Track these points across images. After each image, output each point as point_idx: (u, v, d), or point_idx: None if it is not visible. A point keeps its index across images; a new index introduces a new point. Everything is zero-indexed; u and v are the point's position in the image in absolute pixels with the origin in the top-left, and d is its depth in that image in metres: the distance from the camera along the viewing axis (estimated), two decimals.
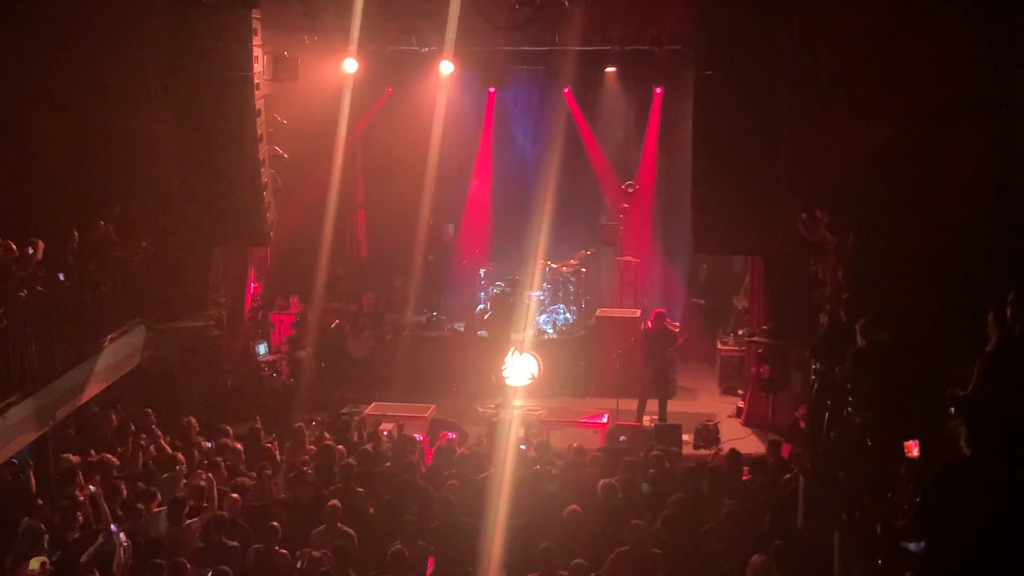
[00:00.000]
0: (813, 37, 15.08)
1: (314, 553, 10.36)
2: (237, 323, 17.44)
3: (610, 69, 18.27)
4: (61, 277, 13.82)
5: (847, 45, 15.11)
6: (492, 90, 20.12)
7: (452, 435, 14.22)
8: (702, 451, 15.14)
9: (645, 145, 19.70)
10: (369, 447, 13.48)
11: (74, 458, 12.72)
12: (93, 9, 16.03)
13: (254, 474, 12.46)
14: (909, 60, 14.69)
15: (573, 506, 10.79)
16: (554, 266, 19.23)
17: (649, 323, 17.25)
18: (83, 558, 10.09)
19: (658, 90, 18.93)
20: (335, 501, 10.99)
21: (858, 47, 15.07)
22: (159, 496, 11.73)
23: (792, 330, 15.52)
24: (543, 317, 18.81)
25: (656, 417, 16.45)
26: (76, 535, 10.79)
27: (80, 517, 11.00)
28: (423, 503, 11.30)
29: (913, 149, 14.81)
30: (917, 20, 14.56)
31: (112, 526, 10.39)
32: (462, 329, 18.83)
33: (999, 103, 13.93)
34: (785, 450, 13.37)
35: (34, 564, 9.82)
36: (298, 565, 10.23)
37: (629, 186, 19.64)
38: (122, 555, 9.96)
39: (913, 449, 7.47)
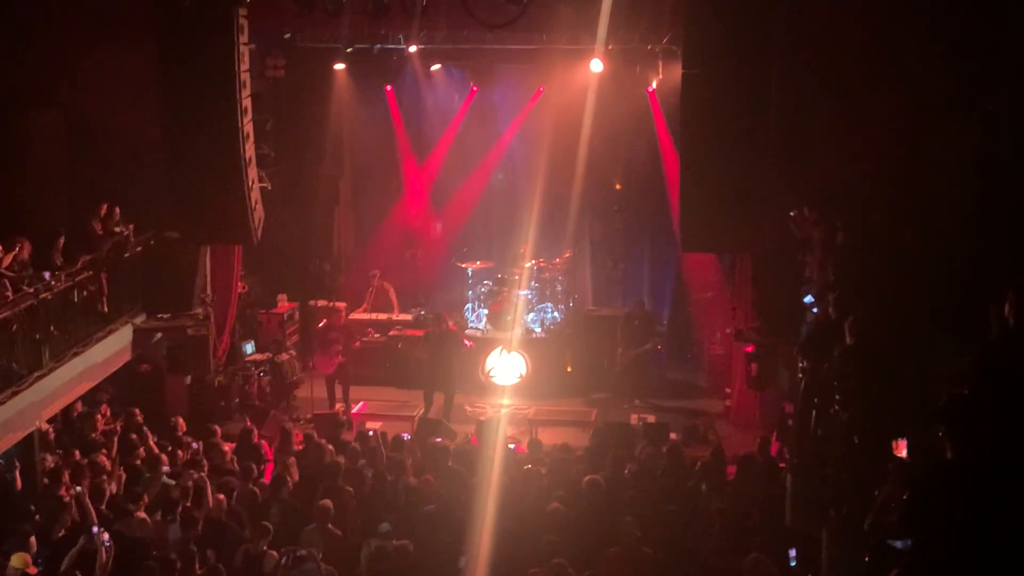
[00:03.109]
0: (801, 35, 15.09)
1: (300, 552, 10.33)
2: (224, 322, 17.38)
3: (596, 68, 18.22)
4: (47, 276, 13.76)
5: (834, 43, 15.12)
6: (475, 88, 20.07)
7: (438, 440, 14.20)
8: (691, 449, 15.12)
9: (630, 143, 19.69)
10: (357, 446, 13.47)
11: (56, 459, 12.68)
12: (79, 6, 15.96)
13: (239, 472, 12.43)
14: (896, 57, 14.71)
15: (555, 504, 10.80)
16: (543, 264, 19.20)
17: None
18: (66, 560, 10.03)
19: (651, 88, 18.91)
20: (327, 501, 10.96)
21: (845, 45, 15.08)
22: (146, 497, 11.70)
23: (779, 328, 15.53)
24: (531, 316, 18.79)
25: (645, 416, 16.46)
26: (61, 535, 10.74)
27: (65, 517, 10.95)
28: (410, 501, 11.29)
29: (901, 146, 14.84)
30: (904, 18, 14.58)
31: (94, 527, 10.33)
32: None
33: (986, 99, 13.96)
34: (773, 448, 13.38)
35: (15, 561, 9.76)
36: (283, 561, 10.19)
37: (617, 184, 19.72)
38: (104, 556, 9.91)
39: (901, 449, 7.49)
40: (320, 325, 18.40)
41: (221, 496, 11.52)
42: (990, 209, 13.57)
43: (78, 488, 11.42)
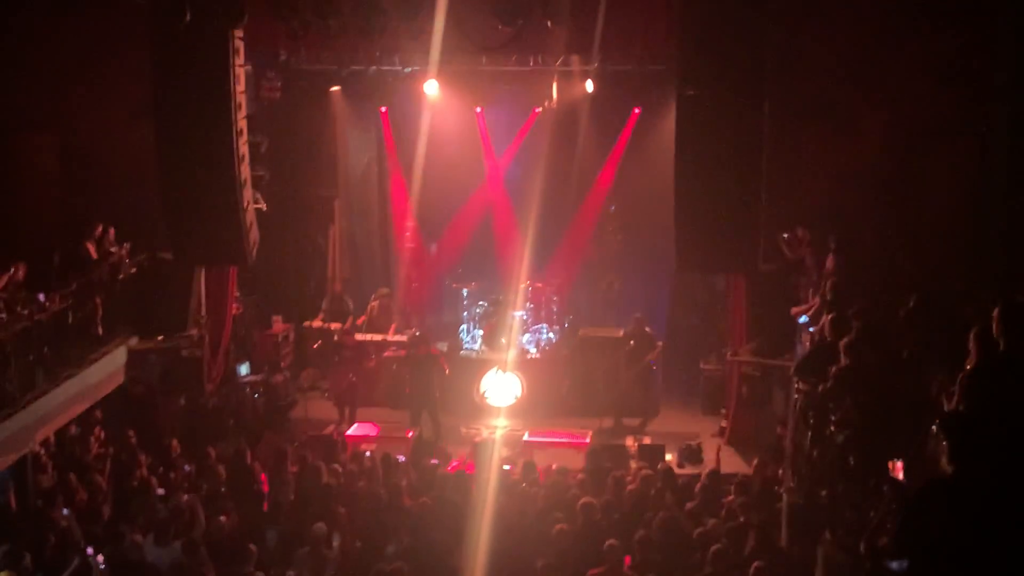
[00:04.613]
0: (793, 58, 15.19)
1: (289, 573, 10.31)
2: (219, 343, 17.36)
3: (589, 89, 18.32)
4: (41, 298, 13.76)
5: (827, 66, 15.22)
6: (479, 110, 20.11)
7: (434, 460, 14.19)
8: (686, 470, 15.11)
9: (623, 164, 19.75)
10: (352, 468, 13.45)
11: (49, 480, 12.64)
12: (74, 30, 16.01)
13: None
14: (887, 81, 14.82)
15: (561, 525, 10.79)
16: (538, 285, 19.20)
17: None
18: None
19: (636, 110, 19.04)
20: (321, 524, 10.94)
21: (837, 68, 15.19)
22: (141, 519, 11.67)
23: (774, 349, 15.56)
24: (526, 337, 18.78)
25: (640, 437, 16.45)
26: (53, 557, 10.70)
27: (58, 539, 10.91)
28: (405, 523, 11.26)
29: (893, 168, 14.93)
30: (895, 42, 14.69)
31: (88, 549, 10.31)
32: (445, 349, 18.77)
33: (976, 122, 14.05)
34: (768, 469, 13.36)
35: None
36: None
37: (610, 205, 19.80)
38: None
39: (898, 473, 7.50)
40: (315, 346, 18.37)
41: (223, 518, 11.49)
42: (981, 229, 13.65)
43: (65, 511, 11.41)
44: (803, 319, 13.73)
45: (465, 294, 19.55)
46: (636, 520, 11.24)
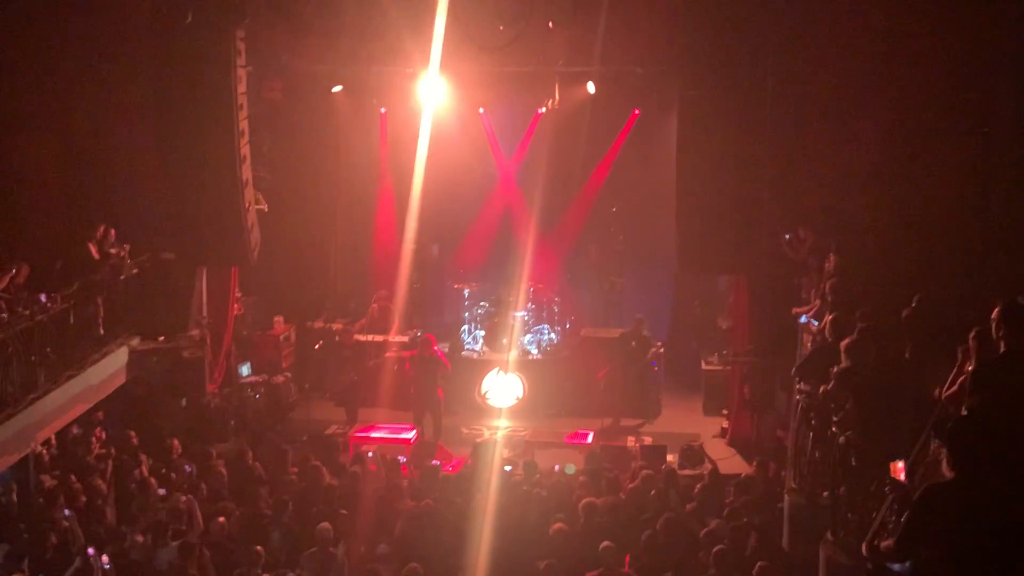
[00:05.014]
0: (796, 59, 15.17)
1: (289, 574, 10.31)
2: (220, 344, 17.35)
3: (591, 90, 18.30)
4: (43, 299, 13.75)
5: (830, 67, 15.21)
6: (482, 111, 20.05)
7: (436, 461, 14.19)
8: (687, 471, 15.09)
9: (625, 165, 19.73)
10: (353, 469, 13.44)
11: (53, 480, 12.64)
12: (75, 30, 16.00)
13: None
14: (889, 81, 14.80)
15: (559, 524, 10.79)
16: (540, 286, 19.18)
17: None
18: None
19: (635, 112, 19.03)
20: (327, 524, 10.93)
21: (841, 69, 15.17)
22: (141, 519, 11.66)
23: (776, 349, 15.54)
24: (528, 337, 18.76)
25: (641, 438, 16.43)
26: (54, 557, 10.70)
27: (59, 539, 10.90)
28: (407, 524, 11.27)
29: (894, 168, 14.91)
30: (899, 42, 14.67)
31: (89, 549, 10.31)
32: (446, 350, 18.75)
33: (980, 124, 14.03)
34: (770, 470, 13.36)
35: None
36: None
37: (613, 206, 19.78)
38: None
39: (900, 474, 7.49)
40: (317, 347, 18.36)
41: (222, 519, 11.48)
42: (983, 232, 13.63)
43: (67, 511, 11.40)
44: (804, 319, 13.72)
45: (467, 295, 19.52)
46: (638, 521, 11.24)
